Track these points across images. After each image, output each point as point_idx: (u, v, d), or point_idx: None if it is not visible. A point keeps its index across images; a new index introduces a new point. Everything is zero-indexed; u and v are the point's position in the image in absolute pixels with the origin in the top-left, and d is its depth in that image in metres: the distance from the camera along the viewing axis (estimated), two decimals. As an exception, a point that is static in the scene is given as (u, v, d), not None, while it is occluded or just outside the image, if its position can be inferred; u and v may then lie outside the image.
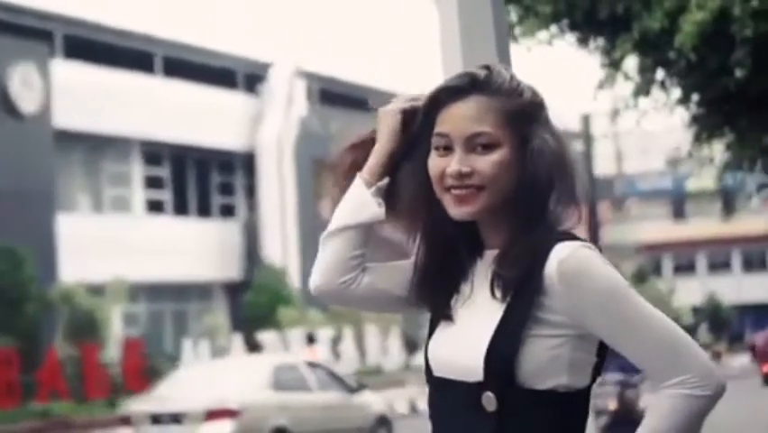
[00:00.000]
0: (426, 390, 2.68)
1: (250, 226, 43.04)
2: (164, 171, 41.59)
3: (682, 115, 12.38)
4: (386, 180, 2.70)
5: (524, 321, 2.48)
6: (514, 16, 11.68)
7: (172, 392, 18.26)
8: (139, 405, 18.85)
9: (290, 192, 43.06)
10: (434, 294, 2.66)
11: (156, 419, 17.69)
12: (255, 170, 43.43)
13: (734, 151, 12.83)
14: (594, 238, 46.93)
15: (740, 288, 60.38)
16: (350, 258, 2.71)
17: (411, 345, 41.53)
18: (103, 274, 33.02)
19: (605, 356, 2.57)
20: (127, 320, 37.46)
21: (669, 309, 47.31)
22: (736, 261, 65.25)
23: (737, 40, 10.01)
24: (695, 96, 11.70)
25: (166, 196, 41.61)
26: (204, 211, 42.95)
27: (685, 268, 64.04)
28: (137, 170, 40.48)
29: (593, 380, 2.56)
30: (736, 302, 57.91)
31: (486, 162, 2.54)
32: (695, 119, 12.29)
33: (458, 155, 2.55)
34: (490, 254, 2.60)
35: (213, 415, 17.06)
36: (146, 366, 30.13)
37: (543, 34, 11.59)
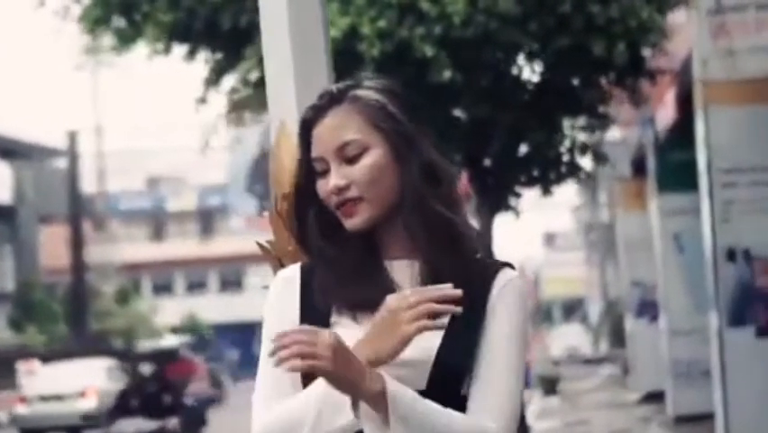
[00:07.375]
0: None
1: None
2: None
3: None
4: None
5: (475, 342, 2.49)
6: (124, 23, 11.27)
7: (47, 380, 27.61)
8: (30, 389, 27.77)
9: None
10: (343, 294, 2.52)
11: (44, 398, 26.97)
12: None
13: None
14: (78, 258, 46.05)
15: (217, 307, 61.34)
16: None
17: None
18: None
19: None
20: None
21: (152, 330, 47.21)
22: (213, 280, 66.37)
23: (365, 58, 10.16)
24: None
25: None
26: None
27: (164, 288, 64.21)
28: None
29: None
30: (215, 321, 58.63)
31: (359, 170, 2.48)
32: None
33: (333, 171, 2.49)
34: (399, 265, 2.52)
35: (84, 393, 26.98)
36: None
37: (158, 45, 11.17)
